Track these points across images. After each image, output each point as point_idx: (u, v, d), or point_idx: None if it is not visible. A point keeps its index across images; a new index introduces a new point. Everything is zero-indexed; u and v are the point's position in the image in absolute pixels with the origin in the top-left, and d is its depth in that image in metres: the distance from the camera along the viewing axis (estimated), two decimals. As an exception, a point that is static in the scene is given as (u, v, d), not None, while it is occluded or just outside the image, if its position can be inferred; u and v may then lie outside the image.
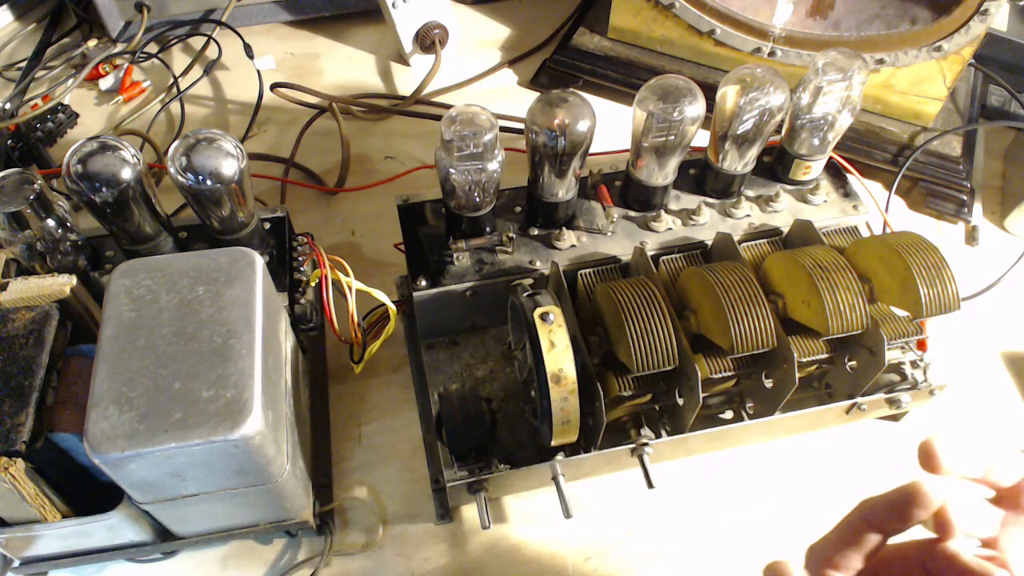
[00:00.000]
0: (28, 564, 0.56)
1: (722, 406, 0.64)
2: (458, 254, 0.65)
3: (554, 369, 0.52)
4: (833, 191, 0.71)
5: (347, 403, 0.69)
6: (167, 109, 0.94)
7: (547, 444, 0.56)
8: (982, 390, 0.72)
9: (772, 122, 0.64)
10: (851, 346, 0.60)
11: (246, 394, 0.46)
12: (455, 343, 0.68)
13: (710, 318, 0.57)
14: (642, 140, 0.63)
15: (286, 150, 0.89)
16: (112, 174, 0.56)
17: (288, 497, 0.54)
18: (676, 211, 0.69)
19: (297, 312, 0.62)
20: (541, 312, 0.53)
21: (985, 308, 0.77)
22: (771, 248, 0.66)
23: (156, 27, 1.00)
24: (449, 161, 0.59)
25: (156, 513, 0.52)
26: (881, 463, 0.67)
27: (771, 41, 0.87)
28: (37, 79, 0.97)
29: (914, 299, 0.56)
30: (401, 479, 0.65)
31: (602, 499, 0.64)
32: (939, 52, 0.80)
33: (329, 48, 1.04)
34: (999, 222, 0.85)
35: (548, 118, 0.60)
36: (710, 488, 0.65)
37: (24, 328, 0.51)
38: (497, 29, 1.07)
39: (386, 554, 0.62)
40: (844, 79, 0.64)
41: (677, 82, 0.62)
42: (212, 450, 0.45)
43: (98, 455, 0.44)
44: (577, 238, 0.66)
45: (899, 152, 0.85)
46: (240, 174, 0.57)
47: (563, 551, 0.62)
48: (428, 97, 0.97)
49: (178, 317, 0.49)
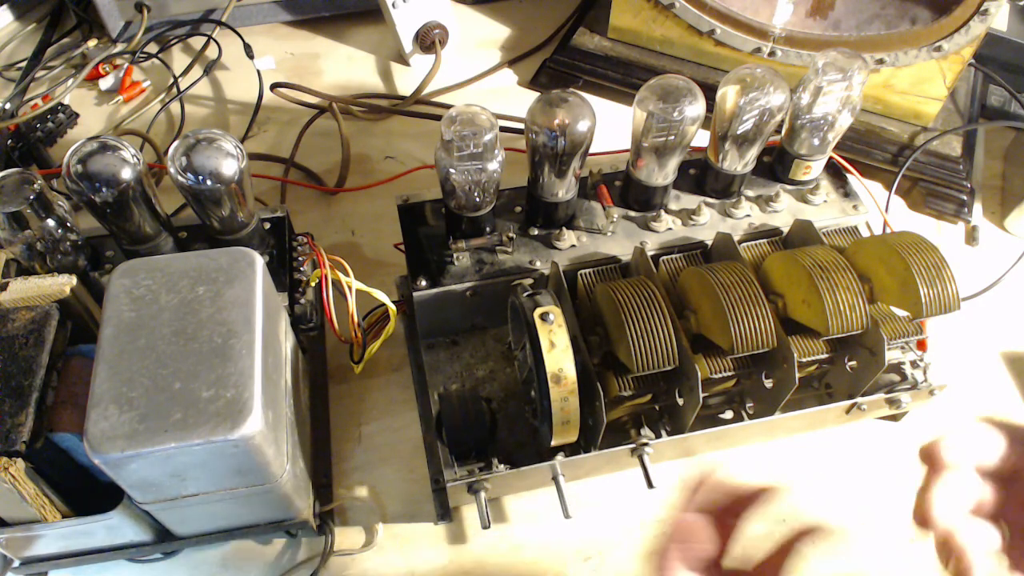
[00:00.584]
0: (28, 564, 0.56)
1: (722, 406, 0.64)
2: (458, 254, 0.65)
3: (554, 369, 0.52)
4: (833, 191, 0.71)
5: (347, 403, 0.69)
6: (167, 109, 0.94)
7: (547, 444, 0.56)
8: (982, 390, 0.72)
9: (772, 122, 0.64)
10: (851, 346, 0.60)
11: (246, 394, 0.46)
12: (455, 343, 0.68)
13: (710, 318, 0.57)
14: (642, 140, 0.63)
15: (286, 150, 0.89)
16: (112, 174, 0.56)
17: (288, 497, 0.54)
18: (676, 211, 0.69)
19: (297, 312, 0.62)
20: (541, 312, 0.53)
21: (985, 308, 0.77)
22: (771, 248, 0.66)
23: (156, 27, 1.00)
24: (449, 161, 0.59)
25: (156, 513, 0.52)
26: (881, 463, 0.67)
27: (771, 41, 0.87)
28: (37, 79, 0.97)
29: (914, 299, 0.56)
30: (401, 479, 0.65)
31: (602, 499, 0.64)
32: (939, 52, 0.80)
33: (329, 48, 1.04)
34: (999, 222, 0.85)
35: (548, 118, 0.60)
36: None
37: (24, 328, 0.51)
38: (497, 29, 1.07)
39: (386, 554, 0.62)
40: (844, 79, 0.64)
41: (677, 82, 0.62)
42: (212, 450, 0.45)
43: (98, 455, 0.44)
44: (577, 238, 0.66)
45: (899, 152, 0.85)
46: (240, 174, 0.57)
47: (563, 551, 0.62)
48: (428, 97, 0.97)
49: (178, 317, 0.49)
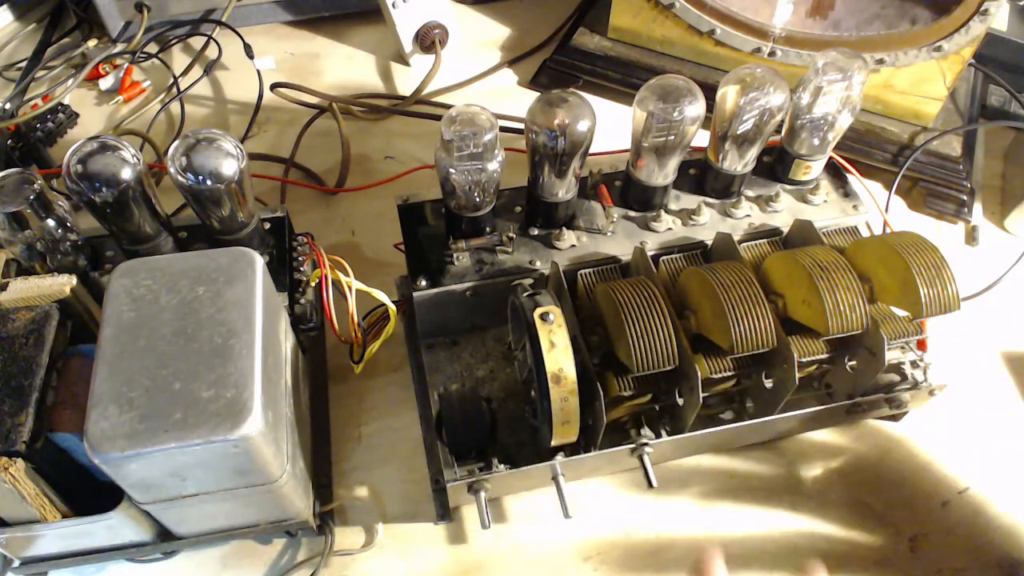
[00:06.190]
0: (28, 564, 0.56)
1: (722, 406, 0.64)
2: (458, 254, 0.65)
3: (554, 369, 0.52)
4: (833, 191, 0.71)
5: (347, 403, 0.69)
6: (167, 109, 0.94)
7: (547, 444, 0.56)
8: (982, 390, 0.72)
9: (772, 122, 0.64)
10: (851, 346, 0.60)
11: (246, 394, 0.46)
12: (455, 343, 0.68)
13: (710, 318, 0.57)
14: (642, 140, 0.63)
15: (286, 150, 0.89)
16: (112, 174, 0.56)
17: (288, 497, 0.54)
18: (676, 211, 0.69)
19: (297, 312, 0.62)
20: (541, 312, 0.53)
21: (985, 308, 0.77)
22: (771, 248, 0.66)
23: (156, 27, 1.00)
24: (449, 161, 0.59)
25: (156, 513, 0.52)
26: (881, 463, 0.67)
27: (771, 41, 0.87)
28: (37, 79, 0.97)
29: (914, 299, 0.56)
30: (401, 479, 0.65)
31: (602, 499, 0.64)
32: (939, 52, 0.80)
33: (329, 48, 1.04)
34: (999, 222, 0.85)
35: (548, 118, 0.60)
36: (710, 488, 0.65)
37: (24, 328, 0.51)
38: (497, 29, 1.07)
39: (386, 554, 0.62)
40: (844, 79, 0.64)
41: (677, 82, 0.62)
42: (212, 450, 0.45)
43: (98, 455, 0.44)
44: (577, 238, 0.66)
45: (899, 152, 0.85)
46: (240, 174, 0.57)
47: (563, 551, 0.62)
48: (428, 97, 0.97)
49: (178, 317, 0.49)
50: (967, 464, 0.66)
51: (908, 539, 0.63)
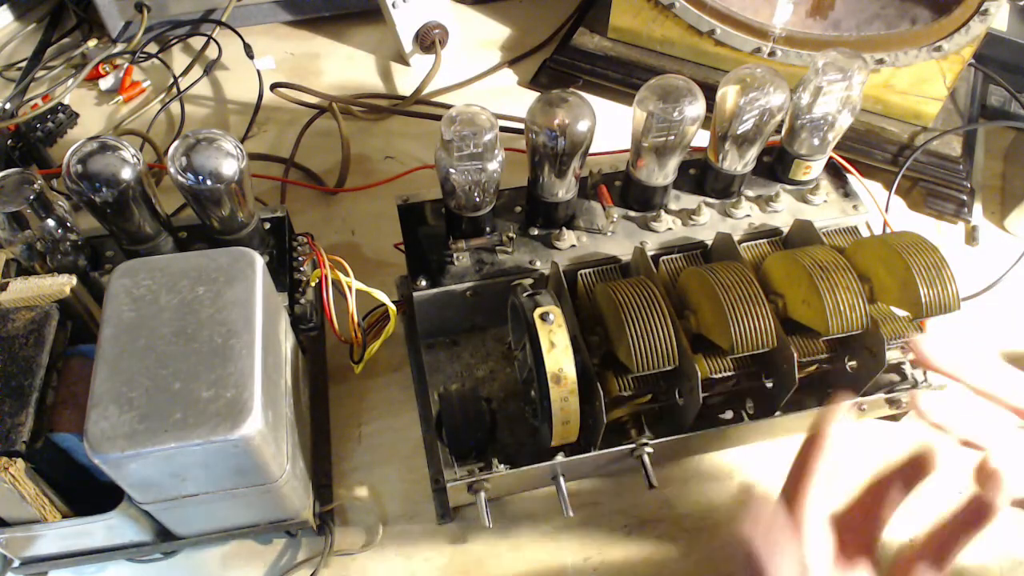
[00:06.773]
0: (28, 564, 0.56)
1: (722, 406, 0.64)
2: (458, 254, 0.65)
3: (554, 369, 0.52)
4: (833, 191, 0.71)
5: (347, 403, 0.69)
6: (167, 109, 0.94)
7: (547, 444, 0.56)
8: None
9: (772, 122, 0.64)
10: (851, 346, 0.60)
11: (246, 394, 0.46)
12: (455, 343, 0.68)
13: (710, 318, 0.57)
14: (642, 140, 0.63)
15: (286, 150, 0.89)
16: (112, 174, 0.56)
17: (288, 497, 0.54)
18: (676, 211, 0.69)
19: (297, 312, 0.62)
20: (541, 312, 0.53)
21: (985, 308, 0.77)
22: (771, 248, 0.66)
23: (156, 27, 1.00)
24: (449, 161, 0.59)
25: (156, 513, 0.52)
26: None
27: (771, 41, 0.87)
28: (37, 79, 0.97)
29: (914, 299, 0.56)
30: (401, 479, 0.65)
31: (602, 499, 0.64)
32: (939, 52, 0.80)
33: (329, 48, 1.04)
34: (999, 222, 0.85)
35: (548, 118, 0.60)
36: (710, 488, 0.65)
37: (24, 328, 0.51)
38: (497, 29, 1.07)
39: (386, 554, 0.62)
40: (844, 79, 0.64)
41: (677, 82, 0.62)
42: (212, 450, 0.45)
43: (98, 455, 0.44)
44: (577, 238, 0.66)
45: (899, 152, 0.85)
46: (240, 174, 0.57)
47: (563, 551, 0.62)
48: (428, 97, 0.97)
49: (178, 317, 0.49)
50: (967, 464, 0.66)
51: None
